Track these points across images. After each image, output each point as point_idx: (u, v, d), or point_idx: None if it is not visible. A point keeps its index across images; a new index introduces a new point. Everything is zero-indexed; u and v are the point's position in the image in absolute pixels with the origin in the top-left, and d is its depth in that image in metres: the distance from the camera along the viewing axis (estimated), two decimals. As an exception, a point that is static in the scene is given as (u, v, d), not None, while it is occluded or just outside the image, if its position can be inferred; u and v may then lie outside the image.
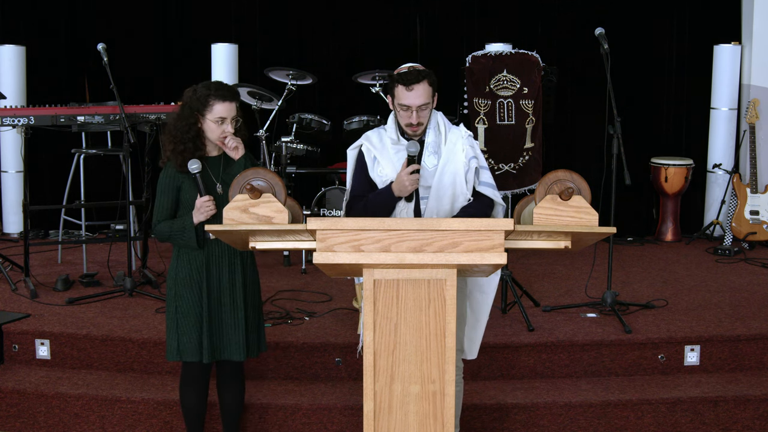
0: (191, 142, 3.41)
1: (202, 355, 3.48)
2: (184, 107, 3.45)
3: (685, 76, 7.09)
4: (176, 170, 3.45)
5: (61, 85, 6.99)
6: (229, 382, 3.70)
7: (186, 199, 3.47)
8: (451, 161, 3.45)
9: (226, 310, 3.50)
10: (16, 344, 4.50)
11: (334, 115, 6.39)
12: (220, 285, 3.49)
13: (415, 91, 3.34)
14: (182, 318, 3.49)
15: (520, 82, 4.94)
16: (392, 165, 3.45)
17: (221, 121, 3.40)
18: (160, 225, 3.48)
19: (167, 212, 3.49)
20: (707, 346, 4.50)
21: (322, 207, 6.01)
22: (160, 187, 3.49)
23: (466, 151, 3.47)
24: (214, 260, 3.49)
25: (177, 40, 7.07)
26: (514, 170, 4.99)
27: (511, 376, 4.43)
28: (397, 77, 3.39)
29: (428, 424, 2.74)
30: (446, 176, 3.44)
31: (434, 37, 7.08)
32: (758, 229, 6.58)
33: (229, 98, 3.42)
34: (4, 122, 5.14)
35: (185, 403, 3.66)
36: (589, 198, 2.87)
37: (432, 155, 3.45)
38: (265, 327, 3.71)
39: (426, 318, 2.73)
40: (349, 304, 4.96)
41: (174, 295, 3.51)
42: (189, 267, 3.49)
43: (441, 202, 3.42)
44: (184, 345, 3.49)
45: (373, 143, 3.51)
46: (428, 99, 3.38)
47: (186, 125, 3.42)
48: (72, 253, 6.24)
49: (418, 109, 3.36)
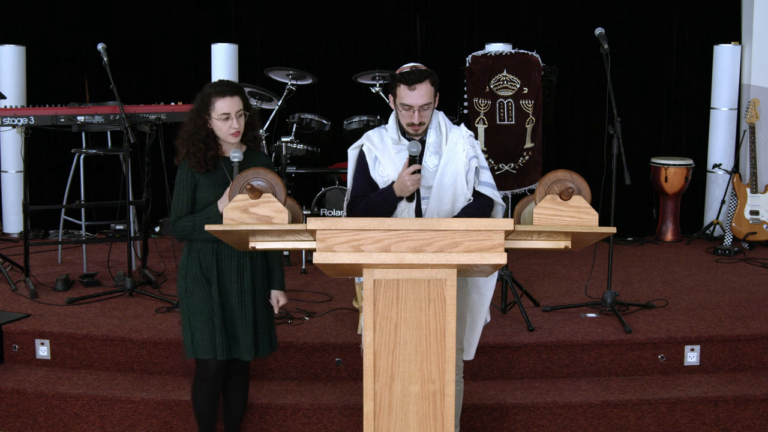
0: (202, 142, 3.42)
1: (215, 352, 3.46)
2: (193, 110, 3.47)
3: (685, 76, 7.09)
4: (191, 168, 3.46)
5: (61, 85, 7.00)
6: (235, 383, 3.68)
7: (201, 198, 3.46)
8: (452, 161, 3.45)
9: (234, 309, 3.49)
10: (16, 344, 4.50)
11: (334, 115, 6.40)
12: (230, 284, 3.49)
13: (417, 90, 3.34)
14: (194, 314, 3.48)
15: (520, 82, 4.94)
16: (393, 165, 3.45)
17: (226, 117, 3.40)
18: (182, 220, 3.45)
19: (187, 207, 3.47)
20: (707, 346, 4.50)
21: (322, 207, 6.01)
22: (178, 183, 3.48)
23: (467, 151, 3.47)
24: (223, 259, 3.48)
25: (177, 40, 7.07)
26: (514, 170, 4.99)
27: (511, 376, 4.43)
28: (399, 76, 3.38)
29: (428, 424, 2.74)
30: (447, 176, 3.44)
31: (434, 37, 7.08)
32: (758, 229, 6.58)
33: (229, 93, 3.40)
34: (4, 122, 5.14)
35: (198, 405, 3.61)
36: (589, 198, 2.87)
37: (433, 155, 3.45)
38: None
39: (426, 318, 2.73)
40: (349, 304, 4.96)
41: (185, 292, 3.50)
42: (198, 264, 3.48)
43: (442, 202, 3.43)
44: (198, 341, 3.46)
45: (374, 143, 3.51)
46: (430, 99, 3.38)
47: (195, 127, 3.43)
48: (72, 253, 6.24)
49: (419, 108, 3.36)
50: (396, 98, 3.41)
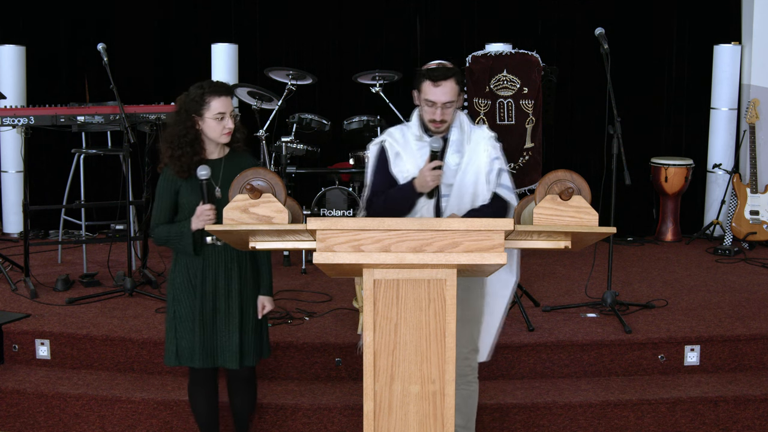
0: (189, 146, 3.39)
1: (196, 360, 3.46)
2: (179, 112, 3.42)
3: (685, 76, 7.09)
4: (174, 175, 3.43)
5: (61, 85, 7.00)
6: (238, 386, 3.68)
7: (184, 203, 3.44)
8: (473, 160, 3.46)
9: (220, 317, 3.48)
10: (16, 344, 4.50)
11: (334, 115, 6.39)
12: (216, 291, 3.47)
13: (441, 87, 3.35)
14: (180, 322, 3.48)
15: (520, 82, 4.94)
16: (414, 161, 3.44)
17: (221, 117, 3.39)
18: (159, 228, 3.46)
19: (165, 215, 3.47)
20: (707, 346, 4.50)
21: (322, 207, 6.01)
22: (158, 190, 3.47)
23: (489, 152, 3.47)
24: (210, 266, 3.46)
25: (177, 40, 7.07)
26: (514, 170, 4.99)
27: (511, 376, 4.43)
28: (425, 72, 3.39)
29: (428, 424, 2.74)
30: (468, 175, 3.44)
31: (434, 37, 7.08)
32: (758, 229, 6.58)
33: (224, 93, 3.40)
34: (4, 122, 5.14)
35: (194, 406, 3.65)
36: (589, 198, 2.87)
37: (455, 153, 3.45)
38: (268, 329, 3.67)
39: (426, 318, 2.73)
40: (349, 304, 4.96)
41: (172, 299, 3.50)
42: (186, 272, 3.47)
43: (462, 201, 3.43)
44: (183, 349, 3.48)
45: (396, 139, 3.51)
46: (454, 97, 3.38)
47: (183, 129, 3.39)
48: (72, 253, 6.24)
49: (443, 105, 3.37)
50: (420, 94, 3.41)
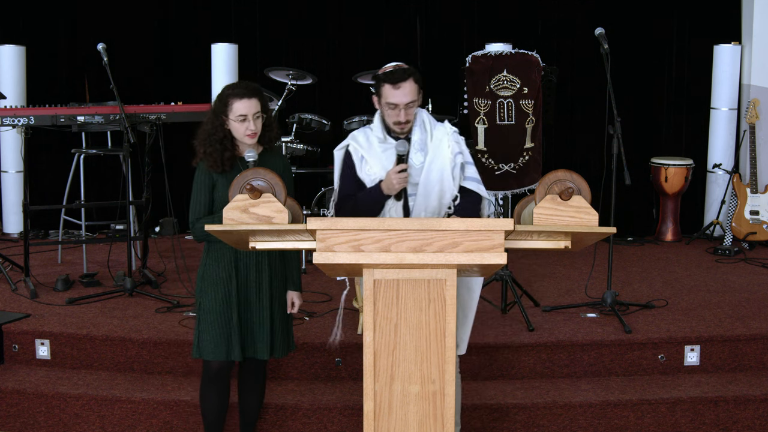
0: (219, 143, 3.44)
1: (226, 354, 3.47)
2: (211, 111, 3.50)
3: (685, 76, 7.09)
4: (208, 169, 3.48)
5: (61, 85, 7.00)
6: (252, 382, 3.70)
7: (219, 198, 3.48)
8: (437, 158, 3.49)
9: (252, 309, 3.51)
10: (16, 344, 4.50)
11: (334, 115, 6.39)
12: (248, 283, 3.51)
13: (402, 89, 3.39)
14: (204, 315, 3.50)
15: (520, 82, 4.93)
16: (380, 163, 3.49)
17: (243, 119, 3.42)
18: (200, 221, 3.47)
19: (205, 208, 3.49)
20: (707, 346, 4.50)
21: (322, 207, 6.01)
22: (196, 184, 3.51)
23: (452, 147, 3.51)
24: (242, 258, 3.49)
25: (177, 40, 7.07)
26: (514, 170, 4.99)
27: (511, 376, 4.43)
28: (383, 76, 3.43)
29: (428, 424, 2.74)
30: (433, 173, 3.48)
31: (434, 37, 7.08)
32: (758, 229, 6.58)
33: (246, 95, 3.43)
34: (4, 122, 5.14)
35: (205, 403, 3.64)
36: (589, 198, 2.87)
37: (419, 152, 3.49)
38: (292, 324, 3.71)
39: (426, 318, 2.73)
40: (349, 304, 4.96)
41: (200, 292, 3.53)
42: (217, 265, 3.50)
43: (428, 199, 3.47)
44: (205, 343, 3.49)
45: (360, 143, 3.55)
46: (414, 96, 3.43)
47: (212, 128, 3.46)
48: (72, 253, 6.24)
49: (405, 106, 3.41)
50: (381, 98, 3.46)
